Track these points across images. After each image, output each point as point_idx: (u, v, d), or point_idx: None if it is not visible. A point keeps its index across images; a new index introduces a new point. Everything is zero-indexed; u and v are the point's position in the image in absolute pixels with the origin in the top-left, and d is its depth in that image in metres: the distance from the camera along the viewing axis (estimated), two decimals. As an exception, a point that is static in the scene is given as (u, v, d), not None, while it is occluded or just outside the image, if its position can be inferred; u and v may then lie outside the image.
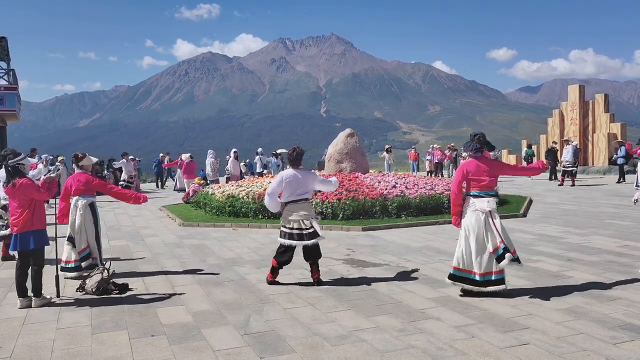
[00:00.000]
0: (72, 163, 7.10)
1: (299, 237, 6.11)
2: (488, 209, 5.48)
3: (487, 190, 5.60)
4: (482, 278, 5.44)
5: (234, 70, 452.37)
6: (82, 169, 6.97)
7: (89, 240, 6.79)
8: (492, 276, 5.45)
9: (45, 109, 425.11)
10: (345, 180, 12.71)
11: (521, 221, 11.10)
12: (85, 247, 6.77)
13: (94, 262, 6.79)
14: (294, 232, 6.11)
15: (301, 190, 6.17)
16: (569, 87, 29.69)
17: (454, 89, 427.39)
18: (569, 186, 18.55)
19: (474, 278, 5.48)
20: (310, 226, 6.10)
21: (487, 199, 5.54)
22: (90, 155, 7.21)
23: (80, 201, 6.78)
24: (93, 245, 6.83)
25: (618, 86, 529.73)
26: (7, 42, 23.33)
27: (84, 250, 6.77)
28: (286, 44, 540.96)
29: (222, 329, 4.76)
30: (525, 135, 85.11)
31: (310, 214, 6.18)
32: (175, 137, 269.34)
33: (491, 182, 5.62)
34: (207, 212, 12.66)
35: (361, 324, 4.78)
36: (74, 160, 6.98)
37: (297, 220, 6.09)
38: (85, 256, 6.76)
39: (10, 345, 4.47)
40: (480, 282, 5.44)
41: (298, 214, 6.10)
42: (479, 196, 5.58)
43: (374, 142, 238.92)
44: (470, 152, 5.78)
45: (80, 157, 6.97)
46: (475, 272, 5.48)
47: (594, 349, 4.08)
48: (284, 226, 6.19)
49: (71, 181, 6.87)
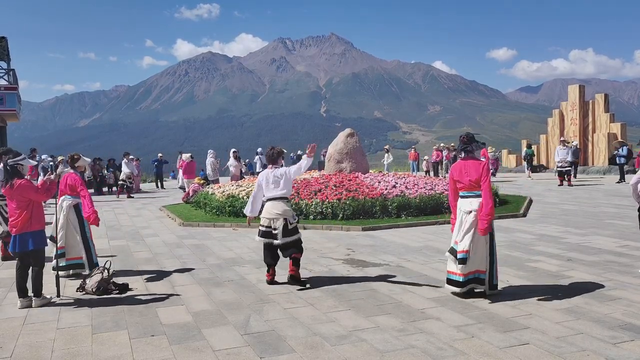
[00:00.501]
0: (67, 163, 7.17)
1: (268, 235, 6.17)
2: (468, 210, 5.48)
3: (469, 191, 5.58)
4: (464, 278, 5.43)
5: (234, 70, 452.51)
6: (76, 169, 7.02)
7: (67, 240, 6.76)
8: (472, 275, 5.46)
9: (45, 109, 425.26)
10: (345, 180, 12.72)
11: (521, 221, 11.11)
12: (61, 247, 6.72)
13: (74, 262, 6.79)
14: (263, 230, 6.20)
15: (276, 189, 6.22)
16: (569, 87, 29.71)
17: (454, 89, 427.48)
18: (567, 186, 18.55)
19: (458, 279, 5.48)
20: (277, 227, 6.08)
21: (470, 200, 5.53)
22: (84, 157, 7.26)
23: (66, 202, 6.81)
24: (73, 246, 6.79)
25: (618, 86, 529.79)
26: (7, 42, 23.34)
27: (60, 249, 6.71)
28: (286, 43, 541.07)
29: (222, 328, 4.76)
30: (526, 135, 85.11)
31: (284, 213, 6.13)
32: (175, 137, 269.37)
33: (471, 183, 5.56)
34: (207, 212, 12.66)
35: (361, 324, 4.78)
36: (70, 160, 7.06)
37: (269, 219, 6.16)
38: (60, 254, 6.66)
39: (10, 345, 4.47)
40: (461, 283, 5.45)
41: (270, 213, 6.15)
42: (464, 197, 5.61)
43: (374, 142, 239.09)
44: (458, 154, 5.83)
45: (76, 159, 7.05)
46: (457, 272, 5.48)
47: (594, 348, 4.09)
48: (260, 224, 6.29)
49: (64, 181, 6.90)
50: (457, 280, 5.46)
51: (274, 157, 6.39)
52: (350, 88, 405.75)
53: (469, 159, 5.69)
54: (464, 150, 5.73)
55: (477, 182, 5.52)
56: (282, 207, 6.17)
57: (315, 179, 12.87)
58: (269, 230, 6.17)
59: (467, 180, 5.57)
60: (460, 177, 5.64)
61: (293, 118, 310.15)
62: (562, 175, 18.93)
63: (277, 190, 6.22)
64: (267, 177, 6.29)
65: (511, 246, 8.35)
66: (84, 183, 6.85)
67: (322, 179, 12.85)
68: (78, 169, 7.06)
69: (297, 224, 6.35)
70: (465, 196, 5.61)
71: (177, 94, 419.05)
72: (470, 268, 5.43)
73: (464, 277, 5.42)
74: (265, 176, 6.32)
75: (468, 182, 5.56)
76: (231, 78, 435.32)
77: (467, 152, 5.72)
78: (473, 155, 5.74)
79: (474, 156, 5.75)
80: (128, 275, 6.88)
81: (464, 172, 5.64)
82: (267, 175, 6.32)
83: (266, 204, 6.27)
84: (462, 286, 5.44)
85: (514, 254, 7.74)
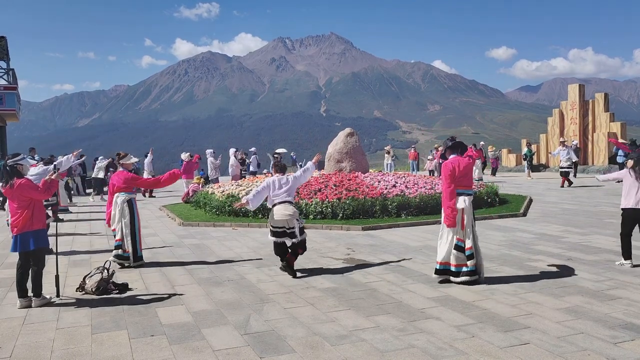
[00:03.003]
0: (114, 161, 7.69)
1: (281, 235, 6.70)
2: (460, 207, 6.01)
3: (460, 189, 6.07)
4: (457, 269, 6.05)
5: (233, 70, 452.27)
6: (123, 167, 7.57)
7: (123, 233, 7.36)
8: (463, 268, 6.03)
9: (45, 108, 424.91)
10: (345, 179, 12.71)
11: (521, 220, 11.10)
12: (118, 239, 7.40)
13: (126, 254, 7.38)
14: (276, 231, 6.71)
15: (282, 193, 6.84)
16: (569, 86, 29.68)
17: (453, 88, 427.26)
18: (567, 187, 18.49)
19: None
20: (293, 226, 6.65)
21: (464, 198, 6.06)
22: (132, 155, 7.84)
23: (120, 198, 7.39)
24: (126, 239, 7.36)
25: (618, 85, 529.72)
26: (7, 42, 23.33)
27: (117, 241, 7.41)
28: (286, 43, 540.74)
29: (222, 328, 4.75)
30: (526, 134, 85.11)
31: (294, 214, 6.70)
32: (175, 136, 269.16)
33: (453, 181, 6.04)
34: (207, 211, 12.66)
35: (361, 324, 4.78)
36: (117, 158, 7.67)
37: (283, 220, 6.65)
38: (117, 246, 7.40)
39: (10, 345, 4.46)
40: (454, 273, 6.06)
41: (283, 214, 6.67)
42: (458, 194, 6.09)
43: (373, 141, 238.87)
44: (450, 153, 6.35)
45: (122, 156, 7.63)
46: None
47: (594, 348, 4.08)
48: (272, 226, 6.79)
49: (114, 180, 7.49)
50: (452, 270, 6.08)
51: (283, 168, 7.22)
52: (350, 87, 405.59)
53: (457, 159, 6.20)
54: (449, 152, 6.35)
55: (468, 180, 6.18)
56: (292, 209, 6.74)
57: (315, 179, 12.86)
58: (282, 231, 6.66)
59: (444, 180, 6.12)
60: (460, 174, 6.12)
61: (293, 118, 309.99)
62: (565, 175, 18.71)
63: (285, 195, 6.83)
64: (275, 183, 6.94)
65: (511, 245, 8.35)
66: (134, 176, 7.65)
67: (322, 179, 12.85)
68: (126, 167, 7.58)
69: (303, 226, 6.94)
70: (458, 194, 6.10)
71: (176, 94, 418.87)
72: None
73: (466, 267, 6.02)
74: (273, 182, 6.96)
75: (446, 180, 6.10)
76: (231, 78, 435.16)
77: (455, 153, 6.30)
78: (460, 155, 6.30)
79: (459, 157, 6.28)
80: (128, 275, 6.87)
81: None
82: (274, 181, 6.97)
83: (276, 207, 6.78)
84: (457, 276, 6.04)
85: (514, 253, 7.73)
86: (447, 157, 6.37)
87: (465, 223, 6.01)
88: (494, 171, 26.00)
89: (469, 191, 6.15)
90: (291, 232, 6.64)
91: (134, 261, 7.39)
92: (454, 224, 6.00)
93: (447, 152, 6.37)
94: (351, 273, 6.76)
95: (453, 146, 6.32)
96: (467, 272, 5.98)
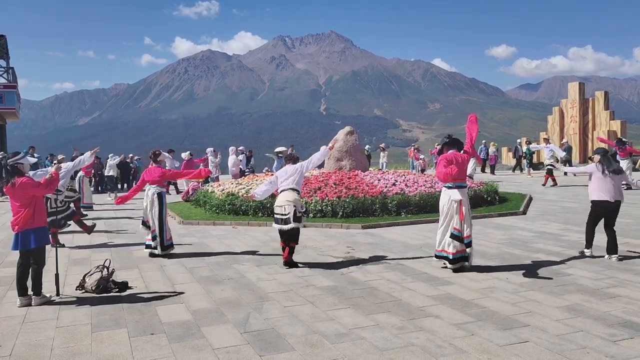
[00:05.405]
0: (149, 159, 8.40)
1: (280, 222, 6.93)
2: (458, 199, 6.45)
3: (456, 182, 6.52)
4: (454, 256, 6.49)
5: (233, 68, 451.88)
6: (158, 163, 8.25)
7: (156, 224, 7.81)
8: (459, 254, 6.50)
9: (44, 107, 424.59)
10: (345, 178, 12.71)
11: (521, 219, 11.10)
12: (154, 230, 7.85)
13: (168, 243, 7.95)
14: (277, 217, 6.98)
15: (288, 181, 7.08)
16: (569, 84, 29.68)
17: (453, 87, 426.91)
18: (563, 185, 18.42)
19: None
20: (288, 212, 6.84)
21: (461, 190, 6.53)
22: (164, 152, 8.52)
23: (151, 190, 7.92)
24: (160, 229, 7.83)
25: (618, 83, 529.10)
26: (6, 40, 23.32)
27: (153, 232, 7.85)
28: (286, 41, 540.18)
29: (221, 327, 4.76)
30: (525, 132, 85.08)
31: (294, 202, 6.90)
32: (175, 135, 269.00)
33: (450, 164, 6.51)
34: (207, 210, 12.66)
35: (361, 322, 4.78)
36: (152, 156, 8.31)
37: (281, 205, 6.93)
38: (154, 237, 7.83)
39: (10, 344, 4.47)
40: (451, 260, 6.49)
41: (282, 201, 6.92)
42: (450, 187, 6.57)
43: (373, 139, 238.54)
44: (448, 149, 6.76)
45: (157, 154, 8.35)
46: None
47: (594, 346, 4.09)
48: (274, 212, 7.11)
49: (147, 173, 8.09)
50: (449, 257, 6.52)
51: (296, 159, 7.49)
52: (350, 86, 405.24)
53: (452, 154, 6.60)
54: (446, 148, 6.76)
55: (444, 171, 6.52)
56: (293, 196, 6.95)
57: (315, 177, 12.86)
58: (280, 217, 6.92)
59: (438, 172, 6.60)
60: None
61: (293, 116, 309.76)
62: (549, 173, 18.25)
63: (289, 182, 7.06)
64: (285, 171, 7.22)
65: (511, 243, 8.35)
66: (165, 170, 8.27)
67: (321, 177, 12.85)
68: (160, 163, 8.30)
69: (304, 216, 7.12)
70: (449, 187, 6.58)
71: (176, 92, 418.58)
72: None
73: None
74: (285, 171, 7.24)
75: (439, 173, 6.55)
76: (231, 76, 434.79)
77: (452, 148, 6.72)
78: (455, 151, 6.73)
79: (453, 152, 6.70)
80: (128, 274, 6.88)
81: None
82: (285, 171, 7.24)
83: (280, 195, 7.06)
84: (454, 263, 6.48)
85: (513, 251, 7.74)
86: (444, 153, 6.79)
87: (464, 214, 6.44)
88: (492, 169, 25.94)
89: (463, 184, 6.60)
90: (285, 219, 6.84)
91: (161, 250, 7.81)
92: (449, 179, 6.45)
93: (444, 149, 6.76)
94: (351, 271, 6.77)
95: (450, 142, 6.73)
96: (459, 257, 6.48)
